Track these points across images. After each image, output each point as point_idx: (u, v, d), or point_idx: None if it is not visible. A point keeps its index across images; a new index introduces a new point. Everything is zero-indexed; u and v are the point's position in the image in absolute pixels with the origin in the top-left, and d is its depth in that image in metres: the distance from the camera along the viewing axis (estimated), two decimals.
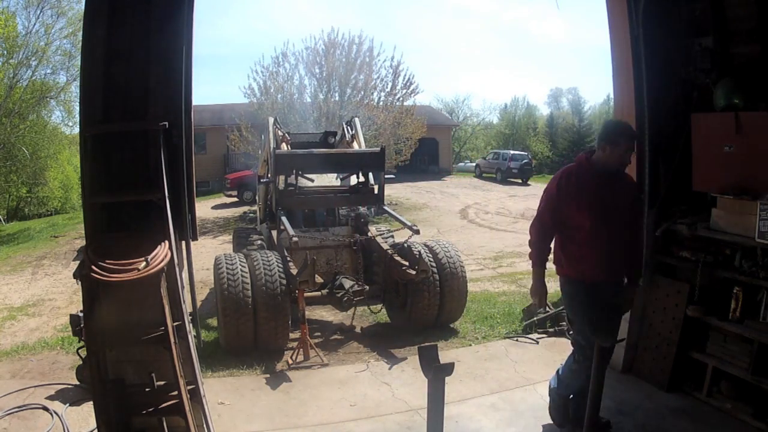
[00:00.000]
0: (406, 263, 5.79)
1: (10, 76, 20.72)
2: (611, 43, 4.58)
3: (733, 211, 3.88)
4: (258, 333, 5.27)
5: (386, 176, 7.04)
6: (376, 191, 6.74)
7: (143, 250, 3.07)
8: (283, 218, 6.22)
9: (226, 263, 5.43)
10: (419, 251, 5.88)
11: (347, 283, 5.79)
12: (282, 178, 6.55)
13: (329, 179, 7.28)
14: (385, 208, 6.89)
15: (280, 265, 5.48)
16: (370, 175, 6.74)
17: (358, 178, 6.78)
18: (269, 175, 7.06)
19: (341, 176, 7.20)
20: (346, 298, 5.67)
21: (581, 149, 43.95)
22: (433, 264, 5.94)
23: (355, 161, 6.81)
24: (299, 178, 6.53)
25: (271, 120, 7.64)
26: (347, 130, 7.87)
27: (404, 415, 4.08)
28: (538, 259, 3.47)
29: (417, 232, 6.17)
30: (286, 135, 7.80)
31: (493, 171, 30.07)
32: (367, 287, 5.89)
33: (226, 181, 21.60)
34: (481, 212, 18.65)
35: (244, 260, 5.54)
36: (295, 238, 5.72)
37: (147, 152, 3.29)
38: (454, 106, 47.47)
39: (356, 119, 8.04)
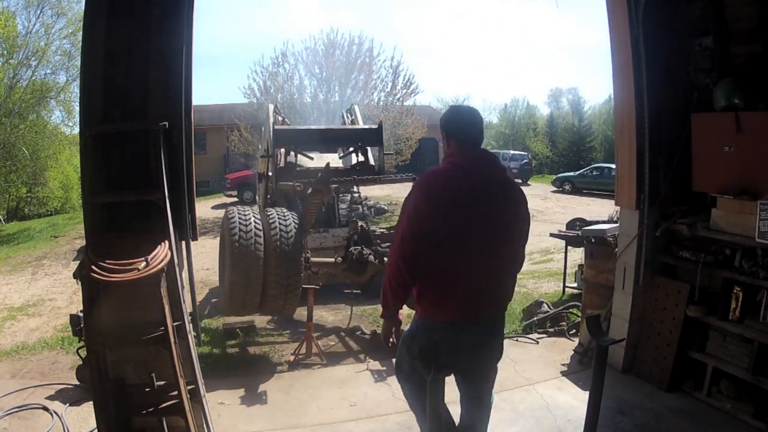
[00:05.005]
0: None
1: (10, 76, 20.72)
2: (611, 43, 4.58)
3: (733, 211, 3.88)
4: (265, 295, 4.92)
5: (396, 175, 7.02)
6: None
7: (143, 250, 3.07)
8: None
9: (239, 214, 5.05)
10: None
11: (366, 250, 5.46)
12: (281, 154, 6.54)
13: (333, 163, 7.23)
14: (382, 177, 6.82)
15: (296, 220, 5.16)
16: (370, 154, 6.71)
17: (357, 157, 6.77)
18: (269, 154, 6.97)
19: (341, 156, 7.24)
20: (369, 256, 5.31)
21: (581, 149, 43.88)
22: None
23: (353, 137, 6.80)
24: (299, 156, 6.50)
25: (271, 107, 7.79)
26: (347, 116, 7.97)
27: (404, 415, 4.08)
28: None
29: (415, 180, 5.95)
30: (286, 120, 7.90)
31: None
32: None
33: (226, 181, 21.61)
34: None
35: (258, 215, 5.18)
36: (298, 186, 5.53)
37: (147, 152, 3.29)
38: None
39: (355, 106, 8.14)
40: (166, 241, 3.16)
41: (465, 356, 2.66)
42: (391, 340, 2.80)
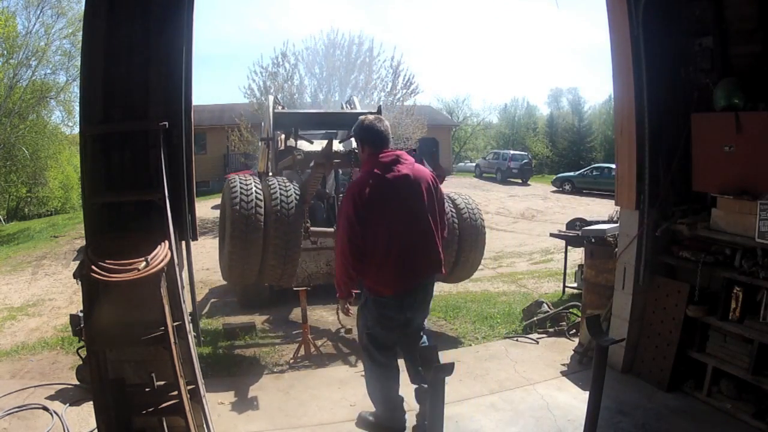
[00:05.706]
0: None
1: (10, 76, 20.75)
2: (611, 43, 4.58)
3: (733, 211, 3.88)
4: (264, 264, 4.90)
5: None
6: None
7: (143, 250, 3.07)
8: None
9: (240, 183, 5.03)
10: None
11: None
12: (282, 139, 6.56)
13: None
14: None
15: (297, 190, 5.14)
16: None
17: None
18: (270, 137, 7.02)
19: (340, 141, 7.30)
20: None
21: (581, 149, 44.00)
22: (455, 214, 5.72)
23: (353, 121, 6.83)
24: (299, 141, 6.53)
25: (272, 98, 7.92)
26: (346, 108, 8.05)
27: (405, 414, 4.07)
28: None
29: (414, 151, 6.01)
30: (286, 109, 8.02)
31: (493, 171, 30.13)
32: None
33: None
34: (481, 212, 18.63)
35: (260, 184, 5.16)
36: (299, 156, 5.60)
37: (147, 152, 3.29)
38: (454, 106, 47.51)
39: (355, 98, 8.20)
40: (166, 241, 3.16)
41: (407, 319, 3.44)
42: (348, 310, 3.50)
